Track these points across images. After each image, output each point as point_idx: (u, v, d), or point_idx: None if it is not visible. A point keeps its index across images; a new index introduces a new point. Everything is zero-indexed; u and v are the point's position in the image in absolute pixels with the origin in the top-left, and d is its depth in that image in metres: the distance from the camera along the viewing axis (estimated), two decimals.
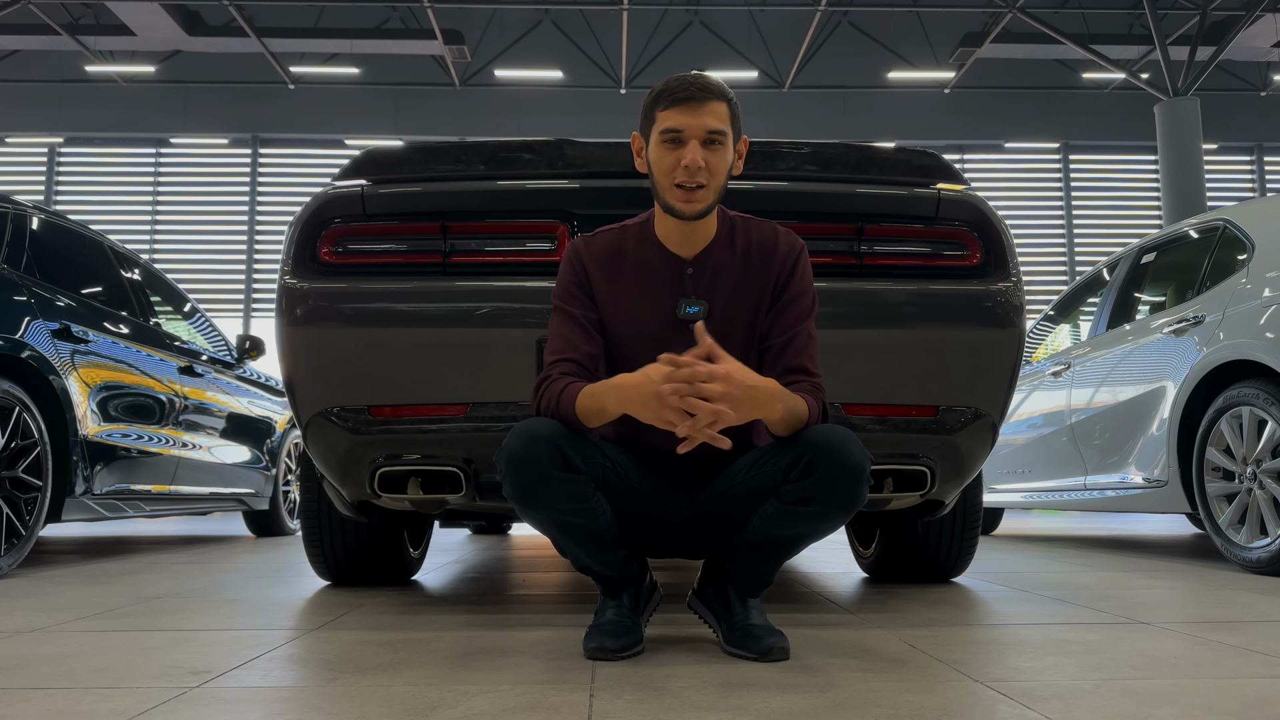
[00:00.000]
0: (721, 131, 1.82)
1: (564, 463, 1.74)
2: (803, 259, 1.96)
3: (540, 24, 17.86)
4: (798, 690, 1.52)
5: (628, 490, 1.87)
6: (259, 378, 5.92)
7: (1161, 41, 14.75)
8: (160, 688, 1.55)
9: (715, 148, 1.83)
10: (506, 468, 1.74)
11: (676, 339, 1.90)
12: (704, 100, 1.81)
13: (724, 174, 1.85)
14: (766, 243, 1.95)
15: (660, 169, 1.84)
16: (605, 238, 1.96)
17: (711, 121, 1.81)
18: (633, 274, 1.92)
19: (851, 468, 1.72)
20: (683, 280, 1.92)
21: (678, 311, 1.91)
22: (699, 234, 1.91)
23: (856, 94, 18.11)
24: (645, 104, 1.88)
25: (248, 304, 17.64)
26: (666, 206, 1.86)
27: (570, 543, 1.85)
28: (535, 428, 1.75)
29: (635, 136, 1.93)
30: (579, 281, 1.93)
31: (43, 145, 18.02)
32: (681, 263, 1.92)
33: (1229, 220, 3.97)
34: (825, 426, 1.78)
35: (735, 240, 1.94)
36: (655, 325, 1.91)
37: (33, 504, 3.43)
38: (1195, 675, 1.62)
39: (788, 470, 1.76)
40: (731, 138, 1.86)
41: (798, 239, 1.98)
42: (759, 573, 1.89)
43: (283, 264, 2.40)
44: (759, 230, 1.96)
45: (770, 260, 1.94)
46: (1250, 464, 3.39)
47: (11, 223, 3.78)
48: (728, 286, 1.92)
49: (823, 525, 1.80)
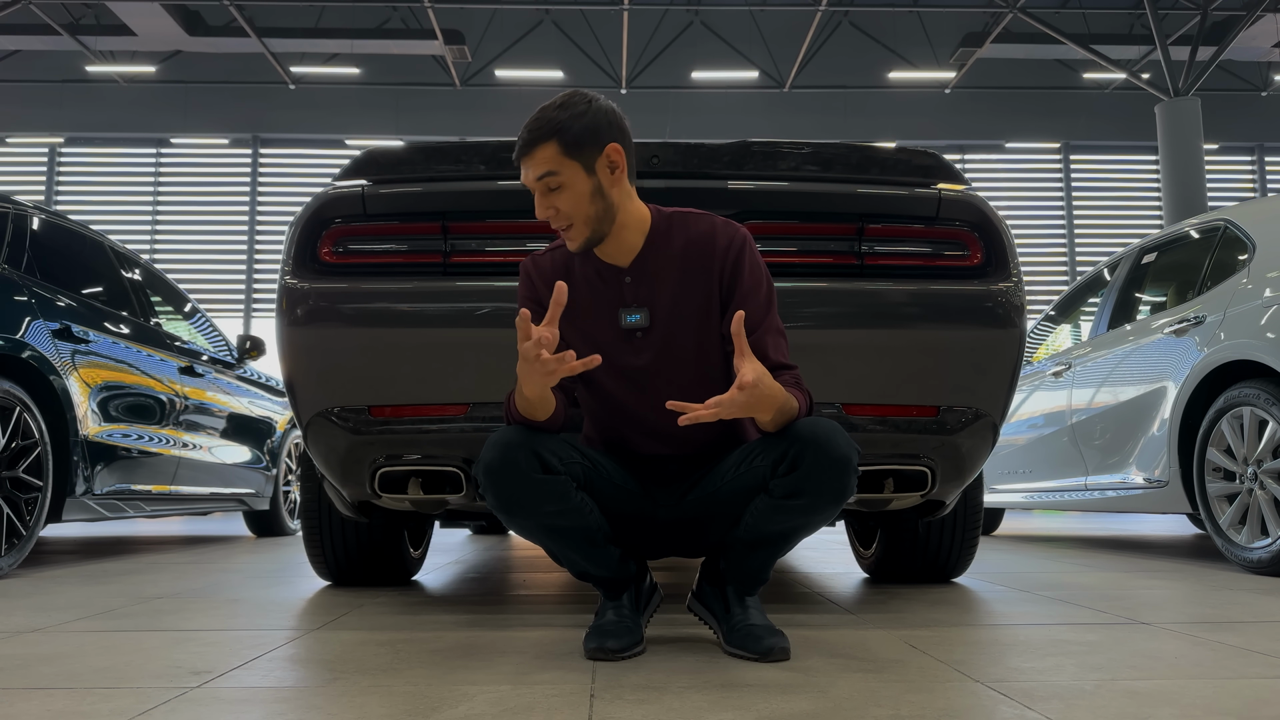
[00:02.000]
0: (551, 172, 1.79)
1: (541, 465, 1.75)
2: (746, 250, 1.90)
3: (541, 24, 17.87)
4: (798, 690, 1.52)
5: (611, 489, 1.87)
6: (259, 378, 5.92)
7: (1162, 41, 14.75)
8: (161, 688, 1.55)
9: (557, 191, 1.80)
10: (485, 478, 1.75)
11: (625, 349, 1.90)
12: (529, 152, 1.80)
13: (581, 204, 1.81)
14: (704, 238, 1.90)
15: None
16: (554, 255, 1.97)
17: (539, 169, 1.79)
18: (580, 288, 1.92)
19: (838, 459, 1.72)
20: (622, 290, 1.90)
21: (619, 322, 1.90)
22: (625, 243, 1.88)
23: (857, 94, 18.11)
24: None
25: (248, 304, 17.65)
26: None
27: (563, 547, 1.85)
28: (508, 435, 1.77)
29: None
30: (534, 296, 1.94)
31: (43, 145, 18.03)
32: (620, 272, 1.90)
33: (1230, 220, 3.97)
34: (810, 420, 1.78)
35: (672, 239, 1.90)
36: (603, 336, 1.91)
37: (33, 504, 3.43)
38: (1196, 675, 1.62)
39: (775, 465, 1.77)
40: (576, 166, 1.80)
41: (739, 229, 1.92)
42: (754, 569, 1.89)
43: (283, 264, 2.40)
44: (696, 225, 1.91)
45: (710, 255, 1.89)
46: (1251, 464, 3.39)
47: (12, 223, 3.78)
48: (669, 289, 1.89)
49: (813, 518, 1.80)
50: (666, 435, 1.92)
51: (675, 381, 1.91)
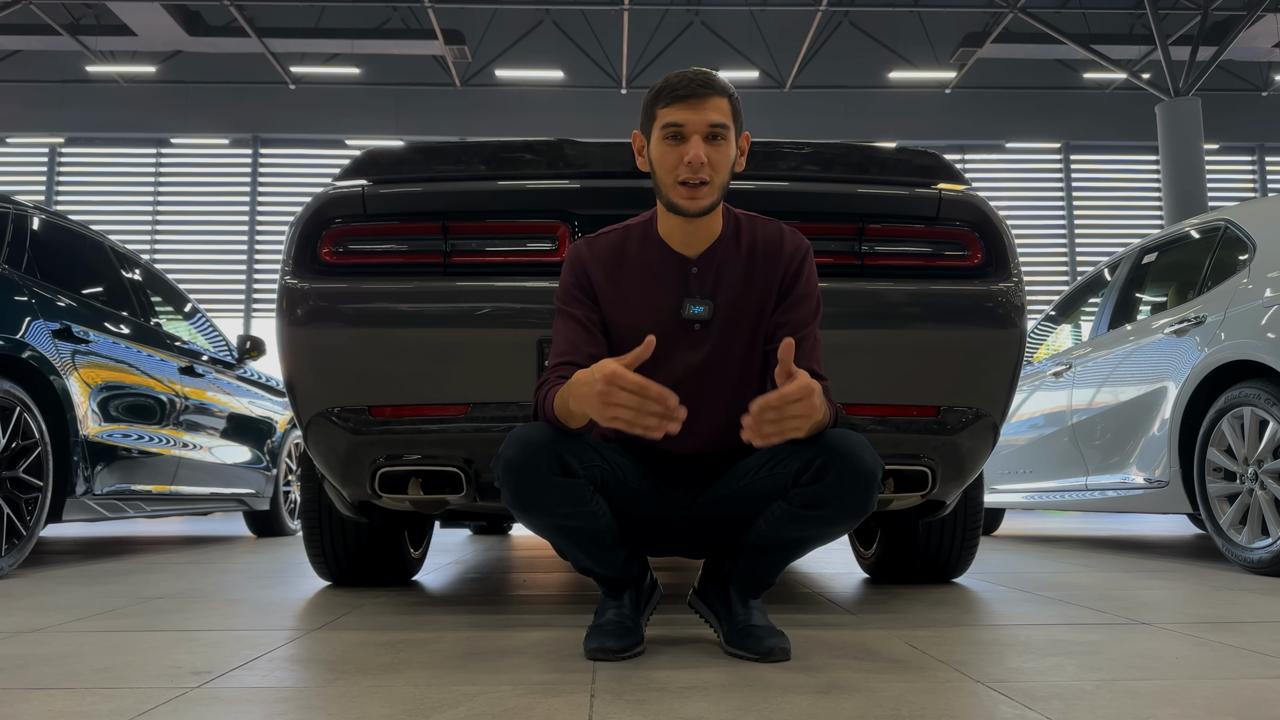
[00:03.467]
0: (724, 125, 1.81)
1: (561, 467, 1.73)
2: (808, 259, 1.94)
3: (541, 24, 17.87)
4: (799, 691, 1.52)
5: (627, 492, 1.86)
6: (260, 378, 5.92)
7: (1163, 41, 14.75)
8: (161, 688, 1.55)
9: (718, 143, 1.81)
10: (504, 474, 1.73)
11: (681, 339, 1.89)
12: (706, 95, 1.80)
13: (727, 170, 1.84)
14: (772, 242, 1.93)
15: (663, 166, 1.82)
16: (608, 238, 1.95)
17: (714, 116, 1.80)
18: (636, 274, 1.91)
19: (864, 474, 1.71)
20: (687, 279, 1.90)
21: (682, 311, 1.89)
22: (703, 232, 1.89)
23: (857, 94, 18.11)
24: (645, 101, 1.86)
25: (248, 304, 17.65)
26: (670, 204, 1.85)
27: (571, 545, 1.84)
28: (531, 433, 1.74)
29: (636, 135, 1.92)
30: (580, 284, 1.92)
31: (43, 145, 18.03)
32: (686, 262, 1.90)
33: (1230, 220, 3.97)
34: (839, 431, 1.77)
35: (740, 239, 1.92)
36: (660, 325, 1.89)
37: (33, 504, 3.43)
38: (1196, 676, 1.62)
39: (799, 474, 1.75)
40: (734, 133, 1.84)
41: (803, 239, 1.96)
42: (761, 574, 1.89)
43: (283, 264, 2.40)
44: (764, 229, 1.94)
45: (776, 259, 1.92)
46: (1251, 464, 3.39)
47: (12, 223, 3.78)
48: (732, 285, 1.90)
49: (830, 530, 1.79)
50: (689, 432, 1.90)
51: (718, 378, 1.90)
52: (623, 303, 1.90)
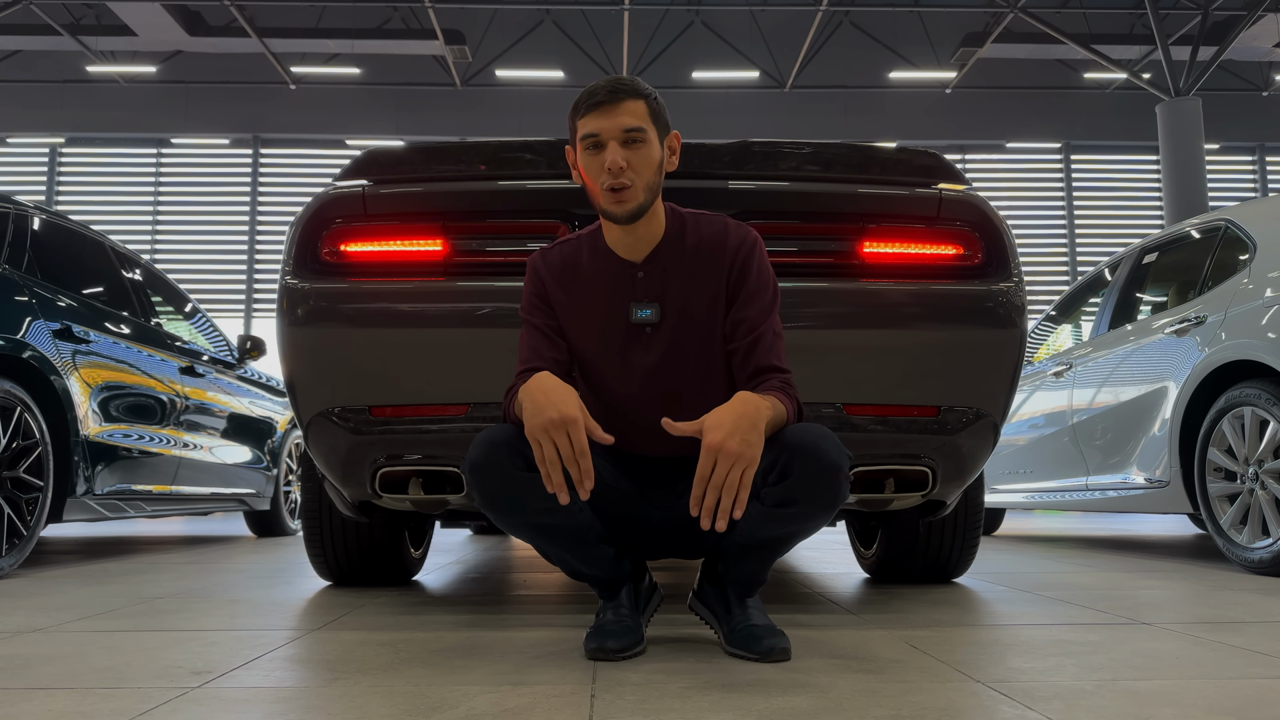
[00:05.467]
0: (639, 129, 1.81)
1: (525, 463, 1.74)
2: (756, 252, 1.92)
3: (541, 24, 17.87)
4: (799, 690, 1.52)
5: (603, 488, 1.86)
6: (260, 378, 5.92)
7: (1163, 41, 14.75)
8: (162, 688, 1.55)
9: (636, 146, 1.81)
10: (470, 475, 1.74)
11: (634, 344, 1.90)
12: (617, 101, 1.80)
13: (650, 170, 1.83)
14: (716, 237, 1.92)
15: (589, 175, 1.84)
16: (562, 249, 1.97)
17: (627, 120, 1.80)
18: (588, 283, 1.92)
19: (829, 467, 1.71)
20: (634, 284, 1.90)
21: (630, 316, 1.90)
22: (645, 236, 1.89)
23: (858, 94, 18.11)
24: (569, 117, 1.88)
25: (249, 304, 17.65)
26: (603, 212, 1.86)
27: (552, 545, 1.84)
28: (494, 434, 1.76)
29: (567, 150, 1.93)
30: (539, 293, 1.94)
31: (44, 145, 18.04)
32: (632, 267, 1.91)
33: (1231, 220, 3.97)
34: (800, 426, 1.77)
35: (685, 238, 1.92)
36: (612, 332, 1.90)
37: (34, 504, 3.43)
38: (1197, 676, 1.62)
39: (766, 473, 1.75)
40: (655, 133, 1.84)
41: (750, 232, 1.94)
42: (751, 572, 1.89)
43: (284, 264, 2.40)
44: (709, 225, 1.93)
45: (719, 255, 1.91)
46: (1252, 464, 3.39)
47: (13, 223, 3.78)
48: (680, 286, 1.90)
49: (807, 525, 1.79)
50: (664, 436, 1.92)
51: (678, 380, 1.91)
52: (577, 312, 1.92)
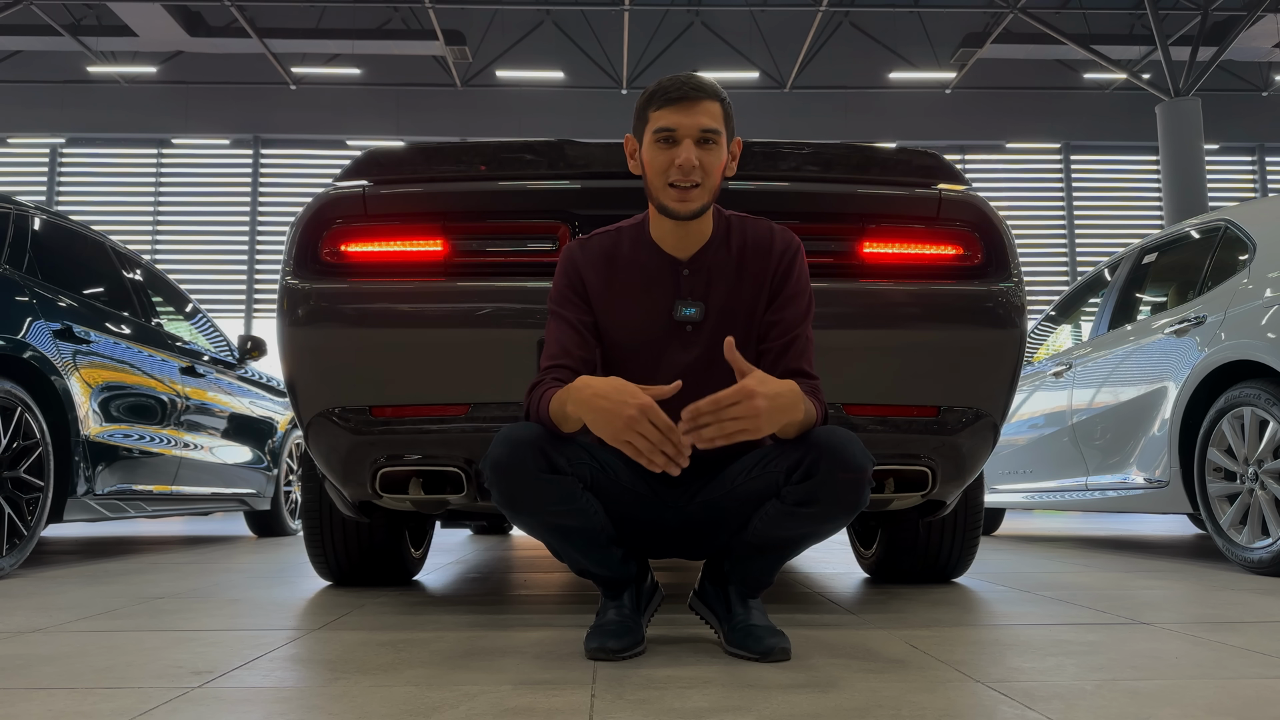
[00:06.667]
0: (715, 130, 1.82)
1: (548, 465, 1.74)
2: (799, 258, 1.95)
3: (541, 24, 17.87)
4: (799, 690, 1.52)
5: (619, 491, 1.86)
6: (260, 378, 5.92)
7: (1163, 42, 14.75)
8: (162, 688, 1.55)
9: (709, 147, 1.82)
10: (492, 474, 1.74)
11: (674, 341, 1.90)
12: (697, 99, 1.81)
13: (718, 173, 1.85)
14: (762, 241, 1.94)
15: (654, 169, 1.84)
16: (600, 240, 1.96)
17: (705, 120, 1.81)
18: (628, 276, 1.92)
19: (854, 470, 1.72)
20: (679, 282, 1.91)
21: (674, 313, 1.90)
22: (694, 234, 1.90)
23: (858, 94, 18.11)
24: (638, 105, 1.87)
25: (249, 304, 17.65)
26: (661, 207, 1.86)
27: (565, 545, 1.85)
28: (518, 433, 1.75)
29: (629, 138, 1.93)
30: (573, 285, 1.93)
31: (44, 146, 18.04)
32: (677, 264, 1.91)
33: (1230, 220, 3.97)
34: (828, 428, 1.78)
35: (731, 240, 1.93)
36: (652, 328, 1.90)
37: (34, 504, 3.43)
38: (1197, 676, 1.62)
39: (789, 472, 1.76)
40: (725, 137, 1.85)
41: (794, 237, 1.96)
42: (758, 573, 1.89)
43: (284, 264, 2.40)
44: (754, 229, 1.95)
45: (765, 258, 1.93)
46: (1252, 464, 3.39)
47: (13, 223, 3.79)
48: (724, 287, 1.91)
49: (824, 527, 1.80)
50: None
51: (709, 380, 1.90)
52: (615, 304, 1.92)
